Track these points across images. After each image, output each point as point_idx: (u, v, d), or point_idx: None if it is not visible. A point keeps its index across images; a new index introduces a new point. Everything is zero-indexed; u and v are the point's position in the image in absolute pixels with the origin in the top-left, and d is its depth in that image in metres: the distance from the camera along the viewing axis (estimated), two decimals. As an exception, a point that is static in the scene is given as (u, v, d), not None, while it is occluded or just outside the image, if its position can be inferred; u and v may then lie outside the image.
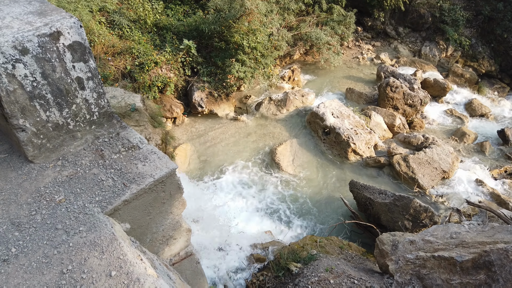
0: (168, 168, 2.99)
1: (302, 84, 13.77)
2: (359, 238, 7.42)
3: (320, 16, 14.15)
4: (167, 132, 9.47)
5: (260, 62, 11.08)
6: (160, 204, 3.08)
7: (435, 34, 16.43)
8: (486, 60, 16.22)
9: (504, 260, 3.03)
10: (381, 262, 4.77)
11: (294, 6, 12.56)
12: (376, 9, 16.22)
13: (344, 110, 10.79)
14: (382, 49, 16.65)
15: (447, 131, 12.32)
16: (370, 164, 9.74)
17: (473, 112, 13.61)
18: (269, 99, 11.68)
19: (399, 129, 11.41)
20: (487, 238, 3.48)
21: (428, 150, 9.56)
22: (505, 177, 9.96)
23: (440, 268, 3.38)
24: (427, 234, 3.85)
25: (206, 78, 10.78)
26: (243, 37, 10.49)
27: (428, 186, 8.93)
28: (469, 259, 3.24)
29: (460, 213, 7.80)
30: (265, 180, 9.20)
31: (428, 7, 16.46)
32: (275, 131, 10.87)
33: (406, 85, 12.33)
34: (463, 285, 3.19)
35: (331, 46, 13.72)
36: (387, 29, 16.96)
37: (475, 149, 11.38)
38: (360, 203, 8.02)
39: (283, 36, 12.01)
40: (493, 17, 16.12)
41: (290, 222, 8.07)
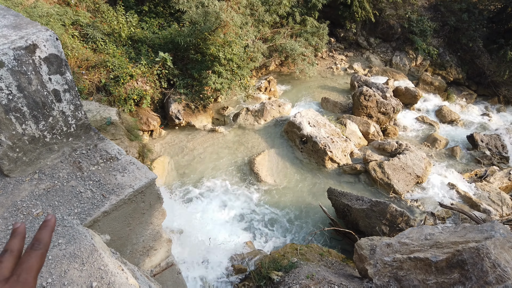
0: (148, 178, 2.99)
1: (278, 94, 13.96)
2: (339, 245, 7.52)
3: (294, 28, 14.46)
4: (144, 145, 9.38)
5: (236, 74, 11.19)
6: (140, 215, 3.06)
7: (404, 44, 17.04)
8: (454, 68, 16.91)
9: (476, 259, 3.16)
10: (360, 267, 4.86)
11: (269, 18, 12.80)
12: (348, 21, 16.71)
13: (320, 119, 10.99)
14: (355, 59, 17.11)
15: (419, 138, 12.72)
16: (347, 171, 9.92)
17: (443, 119, 14.12)
18: (247, 110, 11.77)
19: (373, 136, 11.70)
20: (460, 238, 3.62)
21: (402, 156, 9.83)
22: (475, 180, 10.34)
23: (417, 269, 3.49)
24: (403, 237, 3.97)
25: (182, 90, 10.78)
26: (219, 49, 10.59)
27: (403, 191, 9.17)
28: (443, 259, 3.36)
29: (434, 216, 8.05)
30: (244, 191, 9.22)
31: (397, 18, 17.10)
32: (253, 141, 10.94)
33: (379, 93, 12.70)
34: (438, 284, 3.30)
35: (306, 57, 14.02)
36: (359, 40, 17.47)
37: (447, 154, 11.78)
38: (339, 210, 8.15)
39: (259, 47, 12.19)
40: (458, 27, 16.88)
41: (270, 232, 8.10)
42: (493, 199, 9.37)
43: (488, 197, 9.45)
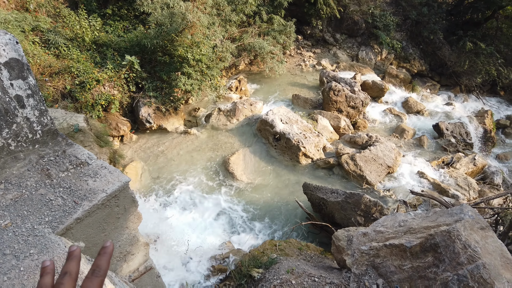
0: (121, 181, 2.92)
1: (249, 93, 13.98)
2: (317, 238, 7.63)
3: (261, 27, 14.52)
4: (115, 151, 9.17)
5: (206, 74, 11.12)
6: (114, 220, 2.99)
7: (369, 39, 17.47)
8: (417, 61, 17.50)
9: (448, 241, 3.29)
10: (339, 258, 4.95)
11: (236, 17, 12.79)
12: (314, 18, 16.94)
13: (292, 115, 11.10)
14: (322, 55, 17.38)
15: (388, 129, 13.09)
16: (320, 165, 10.07)
17: (409, 110, 14.59)
18: (218, 110, 11.73)
19: (344, 130, 11.93)
20: (431, 223, 3.75)
21: (372, 148, 10.09)
22: (443, 167, 10.75)
23: (392, 255, 3.59)
24: (378, 225, 4.08)
25: (152, 93, 10.60)
26: (187, 50, 10.49)
27: (376, 182, 9.41)
28: (417, 244, 3.48)
29: (406, 204, 8.30)
30: (221, 191, 9.18)
31: (361, 14, 17.50)
32: (226, 141, 10.91)
33: (347, 88, 12.96)
34: (414, 268, 3.41)
35: (275, 55, 14.11)
36: (326, 37, 17.75)
37: (415, 143, 12.18)
38: (315, 204, 8.26)
39: (227, 47, 12.16)
40: (419, 21, 17.48)
41: (249, 230, 8.11)
42: (460, 184, 9.78)
43: (455, 182, 9.85)
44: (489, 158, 13.22)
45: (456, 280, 2.99)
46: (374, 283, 3.42)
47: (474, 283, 2.90)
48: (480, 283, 2.88)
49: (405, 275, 3.33)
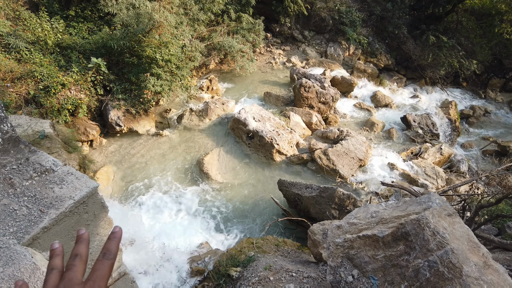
0: (89, 187, 2.84)
1: (221, 92, 13.92)
2: (293, 234, 7.71)
3: (230, 25, 14.48)
4: (85, 157, 8.91)
5: (176, 75, 10.98)
6: (84, 227, 2.90)
7: (337, 35, 17.77)
8: (384, 55, 17.96)
9: (418, 229, 3.40)
10: (315, 252, 5.03)
11: (203, 16, 12.70)
12: (282, 16, 17.06)
13: (264, 113, 11.15)
14: (292, 52, 17.53)
15: (358, 123, 13.38)
16: (294, 161, 10.17)
17: (378, 103, 14.96)
18: (190, 111, 11.62)
19: (316, 126, 12.10)
20: (402, 212, 3.87)
21: (344, 142, 10.28)
22: (412, 158, 11.10)
23: (366, 246, 3.68)
24: (351, 217, 4.16)
25: (121, 95, 10.37)
26: (155, 51, 10.32)
27: (348, 175, 9.60)
28: (389, 233, 3.57)
29: (378, 196, 8.52)
30: (196, 192, 9.11)
31: (328, 11, 17.77)
32: (200, 141, 10.83)
33: (317, 84, 13.14)
34: (387, 257, 3.51)
35: (245, 53, 14.12)
36: (294, 34, 17.91)
37: (384, 136, 12.51)
38: (290, 200, 8.34)
39: (196, 47, 12.06)
40: (384, 16, 17.94)
41: (226, 229, 8.09)
42: (429, 173, 10.13)
43: (424, 172, 10.20)
44: (454, 147, 13.76)
45: (427, 266, 3.10)
46: (350, 274, 3.50)
47: (444, 268, 3.01)
48: (449, 268, 3.00)
49: (379, 265, 3.42)
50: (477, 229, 4.89)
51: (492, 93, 18.60)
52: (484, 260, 3.12)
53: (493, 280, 2.92)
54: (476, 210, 5.05)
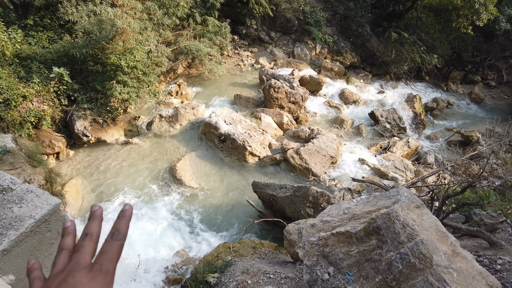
0: (50, 204, 2.72)
1: (190, 97, 13.79)
2: (270, 235, 7.73)
3: (196, 29, 14.38)
4: (51, 170, 8.59)
5: (143, 81, 10.78)
6: (48, 246, 2.78)
7: (303, 35, 18.00)
8: (349, 53, 18.35)
9: (388, 223, 3.48)
10: (292, 251, 5.06)
11: (168, 21, 12.53)
12: (248, 18, 17.11)
13: (235, 116, 11.13)
14: (260, 54, 17.62)
15: (328, 121, 13.60)
16: (268, 162, 10.21)
17: (346, 100, 15.26)
18: (160, 117, 11.44)
19: (287, 125, 12.20)
20: (372, 207, 3.95)
21: (315, 141, 10.42)
22: (381, 153, 11.39)
23: (340, 243, 3.74)
24: (324, 215, 4.21)
25: (86, 105, 10.07)
26: (120, 57, 10.09)
27: (321, 173, 9.74)
28: (361, 229, 3.64)
29: (351, 191, 8.69)
30: (170, 199, 8.97)
31: (293, 11, 17.98)
32: (171, 147, 10.68)
33: (286, 84, 13.26)
34: (360, 253, 3.58)
35: (212, 56, 14.05)
36: (261, 35, 18.01)
37: (354, 132, 12.78)
38: (265, 201, 8.36)
39: (163, 52, 11.89)
40: (347, 15, 18.34)
41: (202, 235, 8.01)
42: (398, 166, 10.43)
43: (393, 165, 10.49)
44: (421, 139, 14.24)
45: (399, 258, 3.18)
46: (326, 272, 3.54)
47: (415, 259, 3.10)
48: (420, 258, 3.09)
49: (353, 260, 3.48)
50: (446, 218, 5.08)
51: (453, 86, 19.37)
52: (452, 248, 3.24)
53: (462, 268, 3.03)
54: (443, 200, 5.23)
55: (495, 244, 4.48)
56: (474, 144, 13.36)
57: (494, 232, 4.96)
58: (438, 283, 2.89)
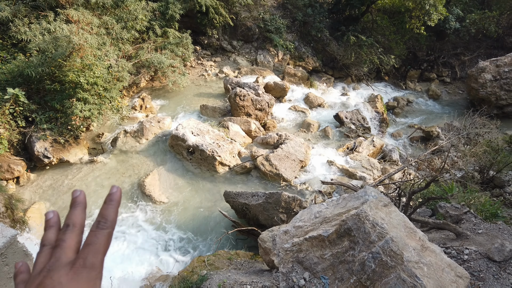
0: (6, 237, 2.56)
1: (155, 110, 13.57)
2: (245, 244, 7.68)
3: (157, 41, 14.21)
4: (11, 196, 8.16)
5: (104, 97, 10.50)
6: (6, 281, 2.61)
7: (264, 42, 18.21)
8: (311, 58, 18.73)
9: (359, 223, 3.55)
10: (267, 259, 5.04)
11: (127, 35, 12.32)
12: (209, 28, 17.11)
13: (202, 126, 11.05)
14: (223, 63, 17.63)
15: (295, 125, 13.77)
16: (238, 171, 10.18)
17: (311, 104, 15.53)
18: (125, 132, 11.17)
19: (256, 133, 12.24)
20: (342, 209, 4.02)
21: (284, 146, 10.51)
22: (348, 153, 11.65)
23: (313, 247, 3.77)
24: (297, 221, 4.24)
25: (46, 125, 9.68)
26: (79, 74, 9.78)
27: (292, 178, 9.82)
28: (333, 232, 3.69)
29: (322, 194, 8.81)
30: (140, 216, 8.74)
31: (253, 20, 18.18)
32: (138, 163, 10.44)
33: (252, 92, 13.33)
34: (334, 255, 3.62)
35: (175, 68, 13.91)
36: (223, 45, 18.05)
37: (321, 135, 13.01)
38: (238, 210, 8.32)
39: (123, 66, 11.65)
40: (306, 21, 18.74)
41: (176, 251, 7.84)
42: (365, 165, 10.69)
43: (361, 165, 10.74)
44: (385, 138, 14.69)
45: (371, 258, 3.24)
46: (301, 278, 3.55)
47: (386, 257, 3.17)
48: (391, 256, 3.16)
49: (328, 264, 3.52)
50: (413, 213, 5.25)
51: (411, 84, 20.18)
52: (421, 243, 3.34)
53: (432, 261, 3.13)
54: (410, 195, 5.41)
55: (461, 235, 4.67)
56: (435, 139, 13.93)
57: (459, 223, 5.18)
58: (410, 278, 2.97)
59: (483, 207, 5.82)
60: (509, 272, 3.67)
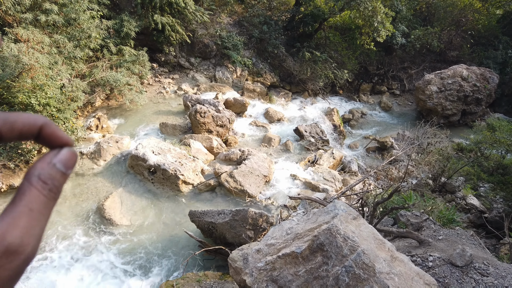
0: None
1: (112, 129, 13.14)
2: (213, 264, 7.55)
3: (112, 59, 13.85)
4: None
5: (58, 118, 10.03)
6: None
7: (222, 59, 18.34)
8: (268, 74, 19.08)
9: (331, 238, 3.62)
10: (238, 279, 4.99)
11: (81, 53, 11.91)
12: (166, 45, 16.97)
13: (163, 145, 10.84)
14: (181, 80, 17.50)
15: (257, 140, 13.88)
16: (203, 189, 10.06)
17: (271, 119, 15.75)
18: (81, 154, 10.71)
19: (218, 149, 12.19)
20: (313, 224, 4.08)
21: (247, 162, 10.54)
22: (310, 166, 11.89)
23: (287, 264, 3.78)
24: (269, 238, 4.25)
25: (-7, 150, 9.07)
26: (29, 95, 9.30)
27: (257, 193, 9.84)
28: (306, 247, 3.73)
29: (287, 208, 8.89)
30: (101, 242, 8.34)
31: (210, 37, 18.28)
32: (97, 186, 10.01)
33: (212, 108, 13.31)
34: (308, 271, 3.65)
35: (132, 86, 13.60)
36: (181, 62, 17.95)
37: (282, 149, 13.19)
38: (204, 230, 8.18)
39: (77, 85, 11.22)
40: (262, 38, 19.13)
41: (142, 277, 7.54)
42: (327, 178, 10.95)
43: (323, 177, 10.99)
44: (343, 149, 15.18)
45: (344, 271, 3.31)
46: (278, 297, 3.55)
47: (359, 270, 3.25)
48: (364, 269, 3.25)
49: (302, 280, 3.54)
50: (378, 223, 5.44)
51: (364, 97, 21.11)
52: (390, 254, 3.47)
53: (402, 271, 3.25)
54: (374, 207, 5.61)
55: (423, 242, 4.90)
56: (389, 149, 14.60)
57: (420, 231, 5.43)
58: (383, 289, 3.06)
59: (440, 214, 6.16)
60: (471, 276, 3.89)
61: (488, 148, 12.01)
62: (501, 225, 7.72)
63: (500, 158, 11.91)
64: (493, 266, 4.32)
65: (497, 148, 11.88)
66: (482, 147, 12.15)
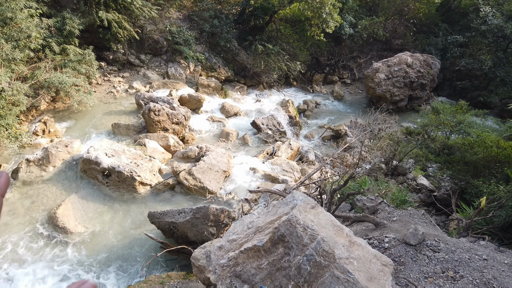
0: None
1: (61, 133, 12.47)
2: (176, 264, 7.44)
3: (55, 60, 13.08)
4: None
5: (-1, 125, 9.37)
6: None
7: (174, 55, 17.94)
8: (222, 68, 18.94)
9: (291, 229, 3.67)
10: (202, 278, 4.95)
11: (20, 55, 11.13)
12: (113, 42, 16.31)
13: (117, 147, 10.46)
14: (132, 78, 16.92)
15: (214, 136, 13.78)
16: (161, 189, 9.84)
17: (228, 114, 15.69)
18: (27, 161, 10.06)
19: (175, 147, 11.96)
20: (274, 216, 4.12)
21: (205, 158, 10.44)
22: (268, 158, 11.99)
23: (250, 258, 3.80)
24: (230, 234, 4.24)
25: None
26: (-37, 102, 8.60)
27: (217, 189, 9.79)
28: (267, 240, 3.76)
29: (248, 201, 8.92)
30: (55, 252, 7.92)
31: (160, 32, 17.80)
32: (47, 193, 9.48)
33: (166, 106, 13.01)
34: (270, 264, 3.69)
35: (80, 86, 12.95)
36: (130, 59, 17.35)
37: (240, 143, 13.19)
38: (165, 230, 8.02)
39: (19, 89, 10.49)
40: (214, 32, 18.93)
41: (102, 284, 7.26)
42: (286, 169, 11.11)
43: (282, 169, 11.13)
44: (300, 140, 15.45)
45: (306, 260, 3.37)
46: (242, 292, 3.55)
47: (320, 258, 3.32)
48: (324, 256, 3.33)
49: (265, 273, 3.57)
50: (336, 210, 5.60)
51: (317, 87, 21.58)
52: (349, 239, 3.58)
53: (360, 255, 3.37)
54: (331, 194, 5.76)
55: (379, 225, 5.11)
56: (343, 137, 15.06)
57: (376, 214, 5.66)
58: (343, 274, 3.16)
59: (393, 196, 6.45)
60: (424, 253, 4.12)
61: (434, 130, 12.74)
62: (449, 202, 8.23)
63: (445, 139, 12.66)
64: (443, 242, 4.60)
65: (442, 130, 12.63)
66: (429, 130, 12.86)
